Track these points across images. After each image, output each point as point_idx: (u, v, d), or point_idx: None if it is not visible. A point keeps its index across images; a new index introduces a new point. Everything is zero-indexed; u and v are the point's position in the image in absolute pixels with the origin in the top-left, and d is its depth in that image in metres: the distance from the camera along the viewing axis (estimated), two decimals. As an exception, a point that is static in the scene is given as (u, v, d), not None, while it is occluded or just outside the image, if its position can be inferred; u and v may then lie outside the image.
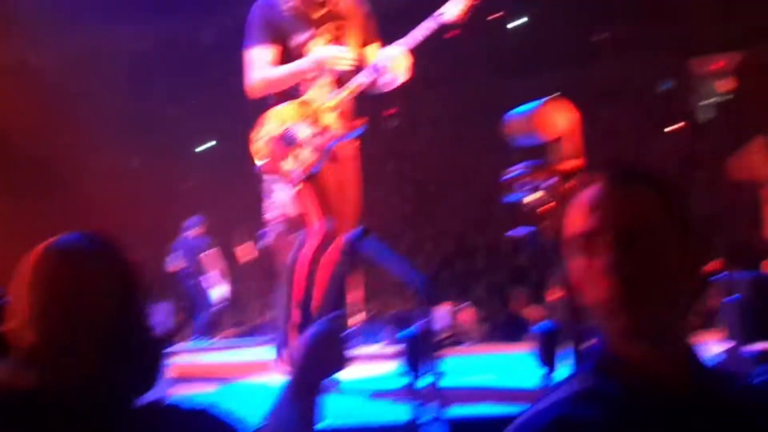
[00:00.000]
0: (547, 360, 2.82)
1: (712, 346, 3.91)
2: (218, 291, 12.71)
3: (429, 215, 18.93)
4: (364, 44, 5.12)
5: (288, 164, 4.87)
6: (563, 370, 2.69)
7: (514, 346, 6.87)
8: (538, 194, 3.78)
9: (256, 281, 15.20)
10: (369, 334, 9.23)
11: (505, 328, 11.48)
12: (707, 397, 1.58)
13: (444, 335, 9.69)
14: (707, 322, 9.94)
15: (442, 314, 9.81)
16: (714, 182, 16.90)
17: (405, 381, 3.06)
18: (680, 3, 23.41)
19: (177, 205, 17.81)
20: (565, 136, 3.86)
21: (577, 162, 3.83)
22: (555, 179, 3.70)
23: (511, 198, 4.21)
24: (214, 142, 22.32)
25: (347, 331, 2.37)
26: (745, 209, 15.68)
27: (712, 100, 23.78)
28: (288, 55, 4.96)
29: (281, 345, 5.02)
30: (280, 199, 7.71)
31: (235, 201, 16.93)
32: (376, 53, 5.09)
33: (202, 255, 12.62)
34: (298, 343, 2.14)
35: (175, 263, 12.83)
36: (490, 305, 14.07)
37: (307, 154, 4.87)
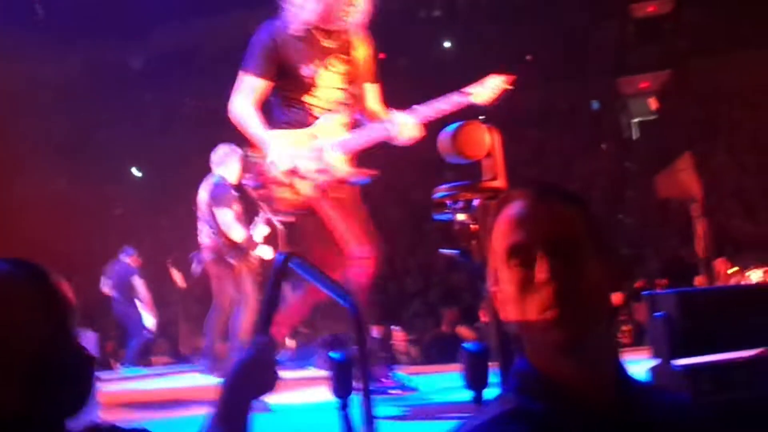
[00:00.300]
0: (476, 381, 2.81)
1: (641, 363, 3.94)
2: (146, 321, 12.61)
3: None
4: (365, 81, 5.05)
5: (284, 193, 4.67)
6: (492, 391, 2.68)
7: (447, 366, 6.87)
8: (465, 214, 3.79)
9: (189, 307, 15.06)
10: (301, 357, 9.17)
11: (439, 349, 11.49)
12: (633, 413, 1.58)
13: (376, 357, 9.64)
14: (638, 339, 10.08)
15: (373, 336, 9.77)
16: (644, 200, 17.17)
17: (335, 404, 3.03)
18: (608, 25, 23.84)
19: (108, 231, 17.61)
20: (486, 156, 3.88)
21: (499, 182, 3.86)
22: (479, 199, 3.72)
23: (440, 217, 4.21)
24: (138, 171, 22.13)
25: (277, 354, 2.35)
26: (676, 226, 15.95)
27: (639, 118, 24.18)
28: (296, 83, 4.82)
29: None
30: (226, 224, 7.64)
31: (172, 225, 16.79)
32: (375, 93, 5.05)
33: (130, 282, 12.51)
34: (226, 366, 2.11)
35: (106, 288, 12.71)
36: (424, 325, 14.09)
37: (306, 188, 4.68)
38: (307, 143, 4.74)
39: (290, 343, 9.35)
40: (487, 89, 4.72)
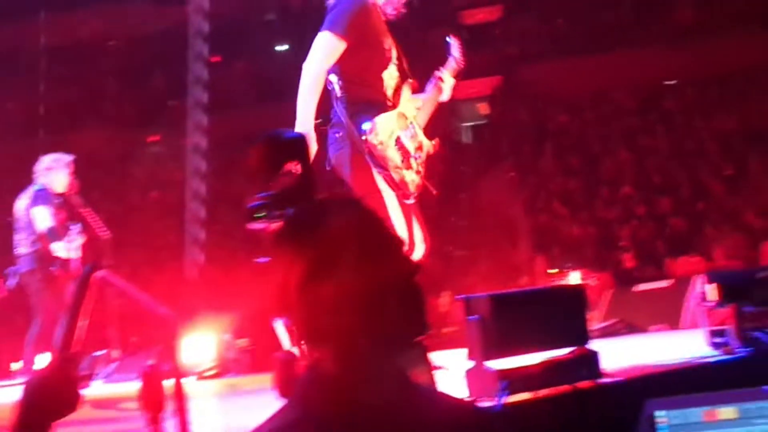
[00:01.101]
0: (286, 389, 2.79)
1: (457, 365, 4.01)
2: None
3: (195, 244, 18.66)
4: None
5: (409, 175, 4.66)
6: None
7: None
8: (277, 222, 3.78)
9: (12, 319, 14.54)
10: (127, 369, 8.97)
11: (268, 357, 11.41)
12: (413, 416, 1.59)
13: (206, 367, 9.53)
14: (457, 341, 10.27)
15: (204, 345, 9.64)
16: (476, 202, 17.52)
17: (144, 418, 2.95)
18: (439, 32, 24.23)
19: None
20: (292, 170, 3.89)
21: (310, 192, 3.87)
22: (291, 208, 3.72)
23: (255, 226, 4.17)
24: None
25: (86, 370, 2.25)
26: (505, 228, 16.34)
27: (471, 123, 24.67)
28: (378, 57, 4.80)
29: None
30: (45, 230, 7.38)
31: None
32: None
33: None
34: (23, 385, 2.02)
35: None
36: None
37: (416, 166, 4.72)
38: (404, 123, 4.76)
39: (117, 354, 9.12)
40: (456, 51, 5.32)
